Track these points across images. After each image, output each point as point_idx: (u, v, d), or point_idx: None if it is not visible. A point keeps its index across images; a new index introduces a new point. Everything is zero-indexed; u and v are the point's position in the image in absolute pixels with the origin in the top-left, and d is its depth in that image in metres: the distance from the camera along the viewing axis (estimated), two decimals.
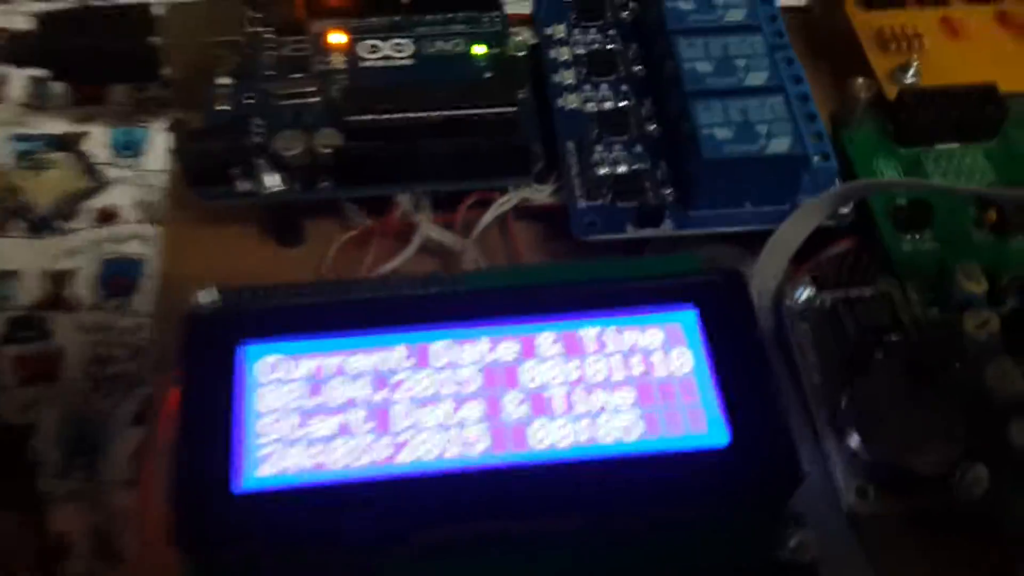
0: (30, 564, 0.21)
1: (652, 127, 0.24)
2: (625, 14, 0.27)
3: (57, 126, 0.28)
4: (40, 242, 0.26)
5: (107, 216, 0.26)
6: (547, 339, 0.19)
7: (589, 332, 0.19)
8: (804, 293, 0.21)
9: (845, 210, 0.22)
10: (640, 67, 0.25)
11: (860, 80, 0.24)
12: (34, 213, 0.26)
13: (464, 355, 0.19)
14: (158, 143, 0.27)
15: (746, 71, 0.22)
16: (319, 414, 0.18)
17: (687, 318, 0.19)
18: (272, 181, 0.23)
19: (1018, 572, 0.18)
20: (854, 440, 0.19)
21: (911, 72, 0.25)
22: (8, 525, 0.21)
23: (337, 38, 0.26)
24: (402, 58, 0.26)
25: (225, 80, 0.25)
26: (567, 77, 0.25)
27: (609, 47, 0.26)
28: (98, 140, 0.28)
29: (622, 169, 0.23)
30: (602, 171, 0.23)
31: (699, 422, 0.18)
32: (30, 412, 0.23)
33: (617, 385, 0.19)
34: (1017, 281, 0.21)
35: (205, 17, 0.25)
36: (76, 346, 0.24)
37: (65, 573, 0.21)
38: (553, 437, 0.18)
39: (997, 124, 0.24)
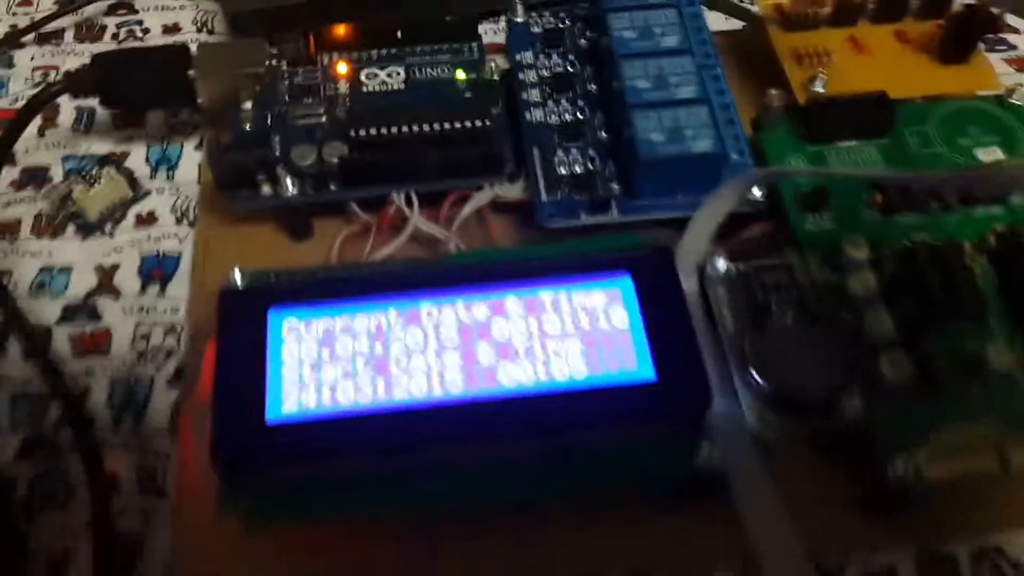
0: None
1: (602, 134, 0.29)
2: (582, 42, 0.31)
3: (103, 147, 0.32)
4: (90, 242, 0.30)
5: (147, 220, 0.31)
6: (512, 302, 0.24)
7: (546, 296, 0.24)
8: (721, 264, 0.26)
9: (760, 197, 0.27)
10: (594, 86, 0.30)
11: (774, 91, 0.28)
12: (85, 219, 0.31)
13: (444, 316, 0.24)
14: (190, 159, 0.32)
15: (677, 87, 0.27)
16: (330, 363, 0.23)
17: (624, 284, 0.24)
18: (289, 186, 0.28)
19: (885, 480, 0.23)
20: (756, 376, 0.23)
21: (819, 82, 0.29)
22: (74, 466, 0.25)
23: (342, 68, 0.31)
24: (396, 83, 0.31)
25: (249, 105, 0.29)
26: (534, 95, 0.30)
27: (569, 70, 0.30)
28: (138, 158, 0.32)
29: (578, 169, 0.28)
30: (561, 171, 0.28)
31: (632, 363, 0.23)
32: (86, 379, 0.27)
33: (567, 336, 0.23)
34: (896, 250, 0.26)
35: (232, 53, 0.29)
36: (122, 325, 0.28)
37: (116, 506, 0.25)
38: (516, 376, 0.23)
39: (888, 124, 0.28)
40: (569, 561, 0.23)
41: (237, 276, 0.25)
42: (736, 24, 0.36)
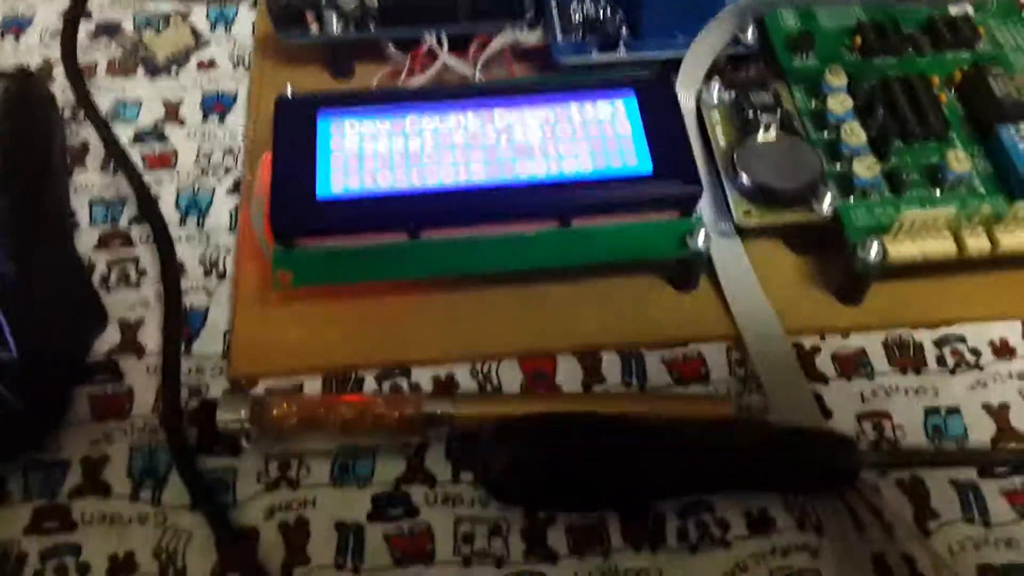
0: None
1: None
2: None
3: (168, 5, 0.36)
4: (158, 81, 0.34)
5: (207, 65, 0.35)
6: (529, 110, 0.27)
7: (559, 106, 0.28)
8: (715, 91, 0.29)
9: (752, 41, 0.30)
10: None
11: None
12: (154, 62, 0.34)
13: (470, 121, 0.27)
14: (244, 17, 0.36)
15: None
16: (371, 156, 0.27)
17: (628, 99, 0.28)
18: (335, 25, 0.31)
19: (856, 265, 0.26)
20: (742, 176, 0.27)
21: None
22: (147, 255, 0.29)
23: None
24: None
25: None
26: None
27: None
28: (200, 14, 0.36)
29: (590, 14, 0.31)
30: (576, 17, 0.31)
31: (632, 160, 0.26)
32: (156, 187, 0.31)
33: (577, 139, 0.27)
34: (868, 81, 0.29)
35: None
36: (186, 146, 0.32)
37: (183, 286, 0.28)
38: (532, 169, 0.26)
39: None
40: (568, 334, 0.27)
41: (289, 90, 0.28)
42: None
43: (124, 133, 0.32)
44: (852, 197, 0.27)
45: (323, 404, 0.25)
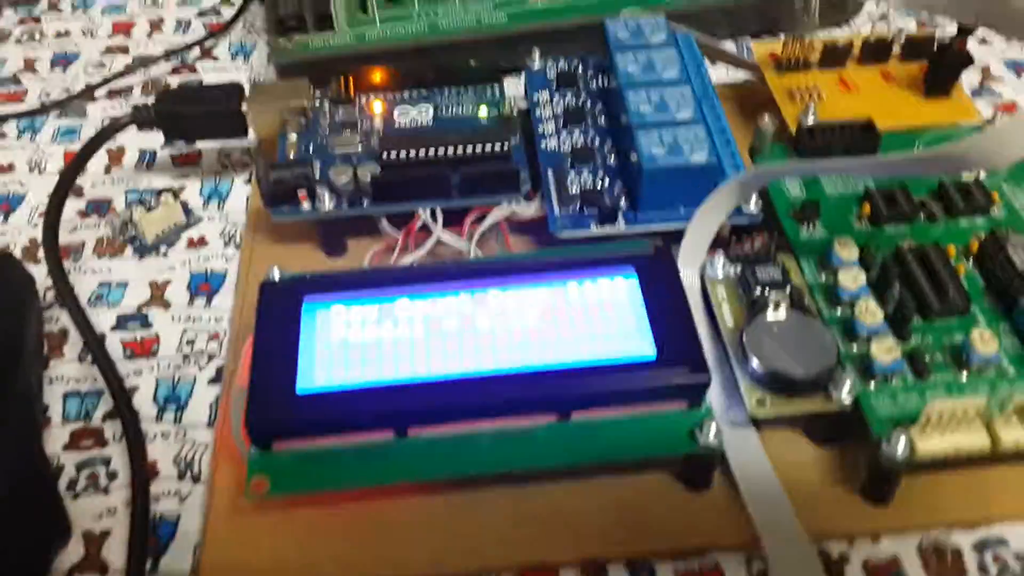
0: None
1: (611, 159, 0.32)
2: (593, 85, 0.35)
3: (162, 181, 0.36)
4: (146, 261, 0.33)
5: (198, 243, 0.34)
6: (524, 292, 0.26)
7: (556, 286, 0.26)
8: (720, 265, 0.28)
9: (755, 211, 0.29)
10: (603, 120, 0.33)
11: (767, 117, 0.31)
12: (142, 241, 0.34)
13: (461, 304, 0.26)
14: (239, 191, 0.35)
15: (677, 110, 0.30)
16: (357, 344, 0.25)
17: (629, 276, 0.26)
18: (327, 201, 0.31)
19: (881, 461, 0.24)
20: (753, 361, 0.25)
21: (810, 114, 0.32)
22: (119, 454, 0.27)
23: (377, 106, 0.34)
24: (425, 119, 0.34)
25: (294, 136, 0.33)
26: (549, 127, 0.33)
27: (580, 105, 0.34)
28: (193, 190, 0.36)
29: (588, 186, 0.31)
30: (573, 189, 0.31)
31: (634, 345, 0.25)
32: (135, 378, 0.30)
33: (575, 321, 0.25)
34: (882, 253, 0.27)
35: (280, 91, 0.33)
36: (169, 335, 0.31)
37: (154, 490, 0.27)
38: (526, 356, 0.25)
39: (874, 148, 0.31)
40: (570, 543, 0.24)
41: (276, 272, 0.27)
42: (738, 76, 0.39)
43: (106, 318, 0.31)
44: (873, 383, 0.25)
45: None
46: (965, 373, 0.25)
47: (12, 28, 0.44)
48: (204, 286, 0.32)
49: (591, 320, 0.25)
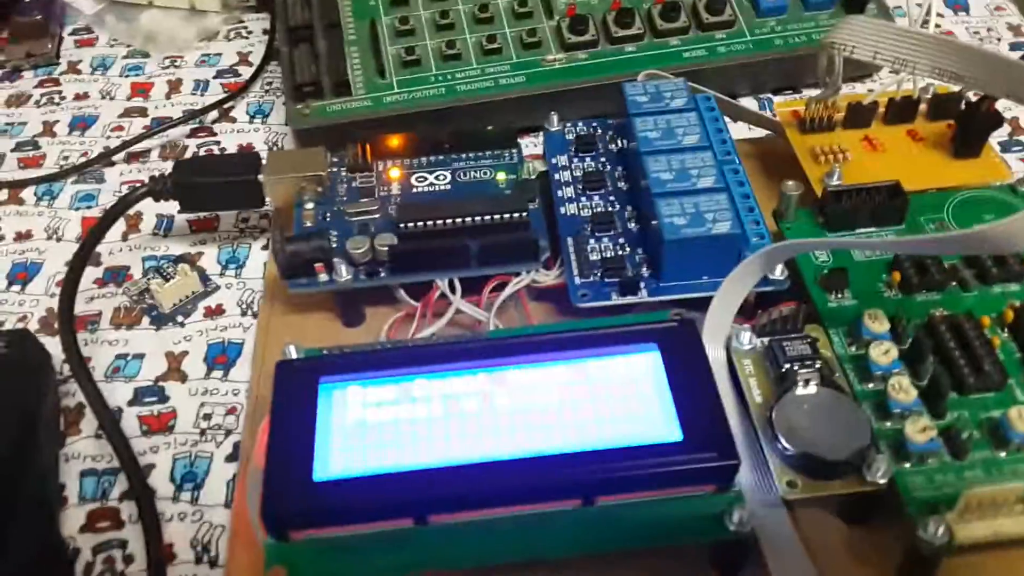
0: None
1: (632, 225, 0.31)
2: (612, 147, 0.34)
3: (179, 248, 0.36)
4: (163, 332, 0.33)
5: (215, 311, 0.34)
6: (543, 371, 0.25)
7: (577, 364, 0.26)
8: (746, 338, 0.27)
9: (782, 278, 0.29)
10: (623, 184, 0.33)
11: (791, 182, 0.30)
12: (159, 310, 0.33)
13: (480, 384, 0.25)
14: (256, 258, 0.35)
15: (698, 177, 0.29)
16: (375, 428, 0.25)
17: (652, 353, 0.26)
18: (344, 273, 0.30)
19: (919, 546, 0.23)
20: (782, 441, 0.24)
21: (835, 176, 0.31)
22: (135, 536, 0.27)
23: (395, 172, 0.34)
24: (443, 185, 0.34)
25: (311, 205, 0.32)
26: (568, 192, 0.32)
27: (600, 169, 0.33)
28: (210, 257, 0.35)
29: (608, 254, 0.30)
30: (594, 257, 0.30)
31: (661, 426, 0.24)
32: (151, 455, 0.29)
33: (600, 402, 0.25)
34: (914, 324, 0.27)
35: (297, 159, 0.33)
36: (186, 410, 0.30)
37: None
38: (552, 440, 0.24)
39: (902, 212, 0.30)
40: None
41: (292, 350, 0.27)
42: (759, 133, 0.38)
43: (123, 392, 0.31)
44: (908, 463, 0.24)
45: None
46: (1004, 452, 0.24)
47: (31, 91, 0.44)
48: (221, 358, 0.32)
49: (614, 400, 0.25)
